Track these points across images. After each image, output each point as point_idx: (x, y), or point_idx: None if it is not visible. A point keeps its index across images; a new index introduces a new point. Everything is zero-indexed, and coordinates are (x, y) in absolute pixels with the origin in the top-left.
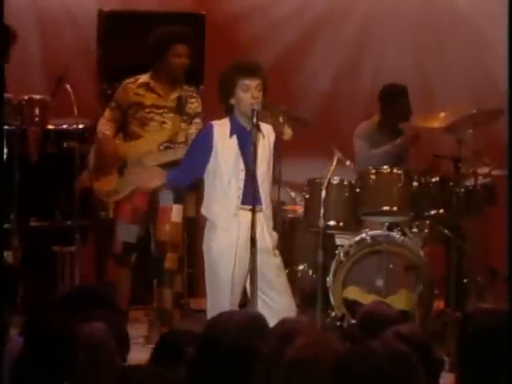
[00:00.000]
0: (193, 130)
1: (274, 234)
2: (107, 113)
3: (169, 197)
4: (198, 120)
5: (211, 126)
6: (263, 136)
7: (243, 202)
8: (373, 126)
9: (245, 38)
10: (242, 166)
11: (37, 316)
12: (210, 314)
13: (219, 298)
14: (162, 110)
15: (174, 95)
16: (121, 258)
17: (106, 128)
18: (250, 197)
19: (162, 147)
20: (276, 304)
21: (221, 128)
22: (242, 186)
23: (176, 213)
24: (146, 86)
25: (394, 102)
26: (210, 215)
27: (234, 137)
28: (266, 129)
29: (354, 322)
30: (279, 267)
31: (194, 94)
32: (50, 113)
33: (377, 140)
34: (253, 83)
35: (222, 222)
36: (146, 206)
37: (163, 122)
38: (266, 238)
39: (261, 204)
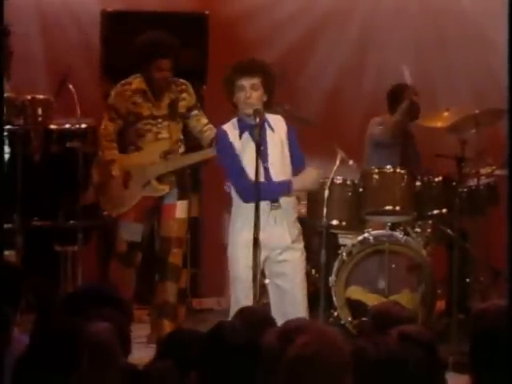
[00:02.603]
0: (194, 123)
1: (293, 230)
2: (109, 124)
3: (173, 194)
4: (195, 112)
5: (224, 131)
6: (272, 130)
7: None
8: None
9: (248, 38)
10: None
11: (44, 315)
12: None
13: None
14: (157, 121)
15: (166, 102)
16: (125, 257)
17: (110, 146)
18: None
19: (163, 157)
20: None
21: (231, 130)
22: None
23: (181, 209)
24: (142, 93)
25: (401, 100)
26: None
27: (246, 134)
28: (275, 120)
29: (365, 319)
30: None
31: (184, 87)
32: (53, 112)
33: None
34: (247, 83)
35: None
36: (150, 204)
37: (158, 133)
38: (285, 236)
39: (277, 201)
